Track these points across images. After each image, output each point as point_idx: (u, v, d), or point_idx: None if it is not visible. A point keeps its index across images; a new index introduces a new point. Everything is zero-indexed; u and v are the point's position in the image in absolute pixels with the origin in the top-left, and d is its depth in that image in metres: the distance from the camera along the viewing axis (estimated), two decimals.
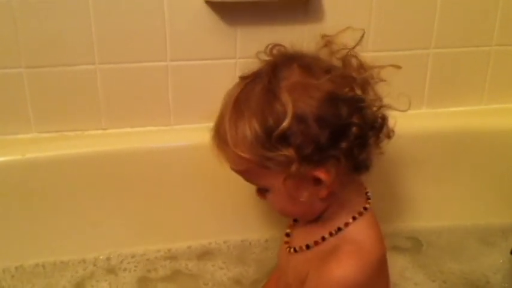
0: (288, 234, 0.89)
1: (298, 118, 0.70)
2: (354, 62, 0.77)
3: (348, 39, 0.79)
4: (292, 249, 0.85)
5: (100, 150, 1.09)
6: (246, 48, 1.09)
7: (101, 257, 1.12)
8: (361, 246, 0.77)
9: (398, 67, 0.78)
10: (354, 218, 0.79)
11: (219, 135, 0.78)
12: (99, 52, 1.06)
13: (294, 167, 0.71)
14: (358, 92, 0.75)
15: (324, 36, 0.79)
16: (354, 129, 0.72)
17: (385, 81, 0.78)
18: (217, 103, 1.10)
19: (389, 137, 0.78)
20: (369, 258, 0.76)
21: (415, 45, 1.15)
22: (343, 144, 0.72)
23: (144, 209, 1.12)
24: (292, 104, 0.70)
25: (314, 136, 0.71)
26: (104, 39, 1.05)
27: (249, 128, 0.72)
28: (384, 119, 0.77)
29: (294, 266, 0.85)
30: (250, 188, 0.83)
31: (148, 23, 1.05)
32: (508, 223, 1.21)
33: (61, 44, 1.04)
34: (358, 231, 0.79)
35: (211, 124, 1.12)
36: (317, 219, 0.82)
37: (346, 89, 0.74)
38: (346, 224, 0.79)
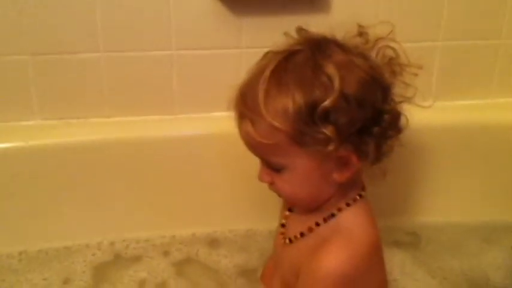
0: (283, 225, 0.88)
1: (343, 95, 0.69)
2: (388, 53, 0.77)
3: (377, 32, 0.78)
4: (287, 240, 0.84)
5: (103, 138, 1.09)
6: (251, 38, 1.09)
7: (105, 242, 1.13)
8: (351, 236, 0.76)
9: (420, 67, 0.77)
10: (348, 205, 0.79)
11: (247, 105, 0.73)
12: (103, 40, 1.06)
13: (331, 147, 0.69)
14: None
15: (359, 25, 0.78)
16: (387, 116, 0.73)
17: (416, 75, 0.77)
18: (221, 93, 1.10)
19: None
20: (359, 250, 0.75)
21: (423, 38, 1.14)
22: (376, 130, 0.72)
23: (147, 197, 1.13)
24: (339, 80, 0.68)
25: (354, 117, 0.70)
26: (108, 27, 1.05)
27: (292, 100, 0.69)
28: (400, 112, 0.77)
29: (289, 258, 0.85)
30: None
31: (153, 11, 1.05)
32: (510, 220, 1.19)
33: (66, 32, 1.04)
34: (350, 219, 0.79)
35: (215, 113, 1.13)
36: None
37: (386, 76, 0.74)
38: (339, 209, 0.79)
